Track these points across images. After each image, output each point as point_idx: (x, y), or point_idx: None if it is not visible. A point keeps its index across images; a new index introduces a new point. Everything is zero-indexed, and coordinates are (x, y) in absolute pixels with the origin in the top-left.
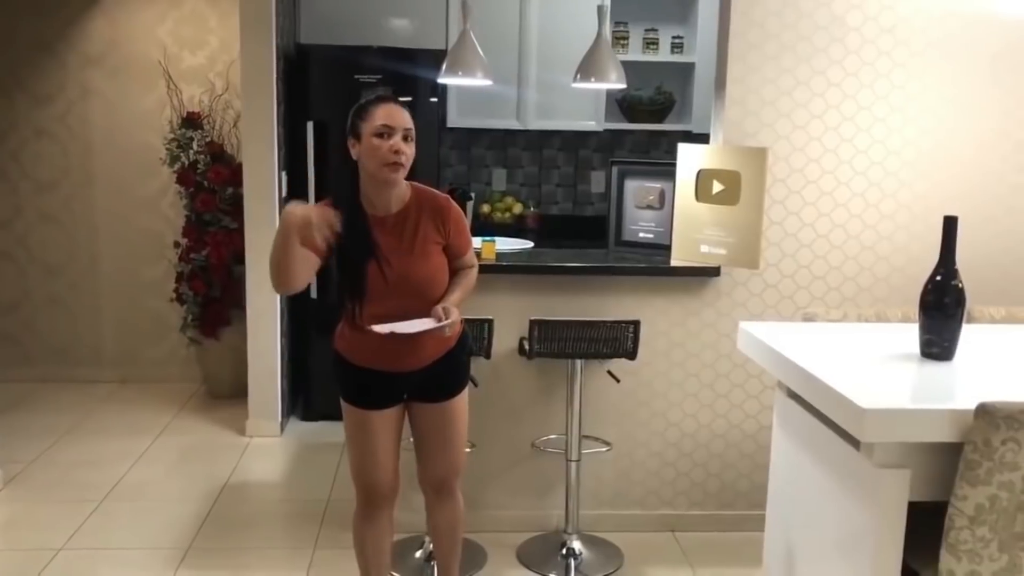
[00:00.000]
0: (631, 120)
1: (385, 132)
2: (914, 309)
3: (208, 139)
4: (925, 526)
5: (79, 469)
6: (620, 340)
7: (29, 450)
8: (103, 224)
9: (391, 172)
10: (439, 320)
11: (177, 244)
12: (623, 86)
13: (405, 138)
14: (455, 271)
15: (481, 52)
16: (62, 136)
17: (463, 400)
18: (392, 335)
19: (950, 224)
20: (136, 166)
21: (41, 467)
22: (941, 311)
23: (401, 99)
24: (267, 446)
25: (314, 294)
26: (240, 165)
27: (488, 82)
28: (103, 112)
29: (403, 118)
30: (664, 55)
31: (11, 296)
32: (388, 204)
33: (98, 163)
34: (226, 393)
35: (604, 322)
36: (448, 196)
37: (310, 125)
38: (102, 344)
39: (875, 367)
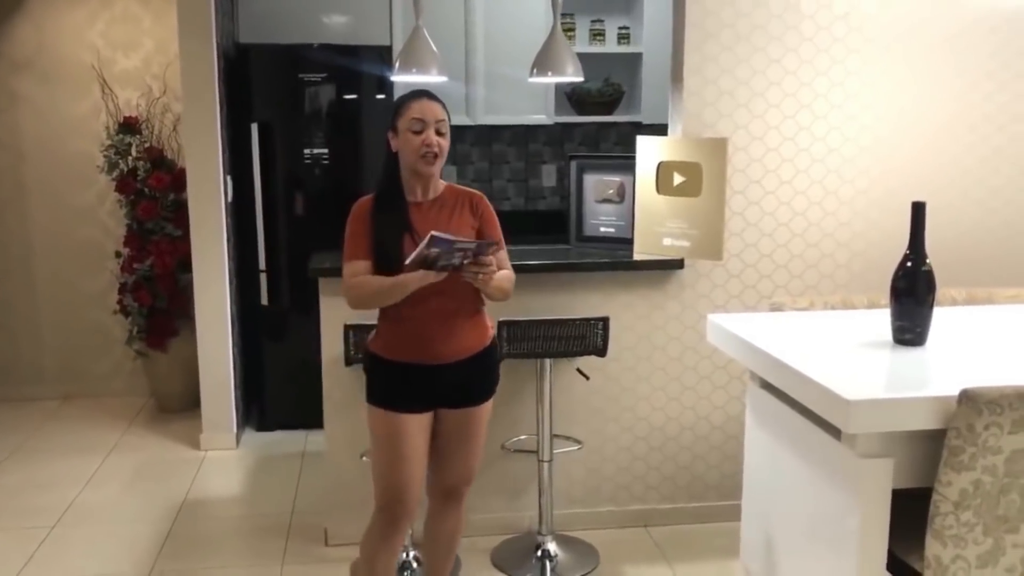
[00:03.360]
0: (580, 113)
1: (419, 126)
2: (879, 295)
3: (147, 144)
4: (909, 513)
5: (26, 493)
6: (590, 337)
7: None
8: (38, 236)
9: (426, 164)
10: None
11: (119, 254)
12: (580, 79)
13: (438, 131)
14: None
15: (434, 47)
16: None
17: (490, 405)
18: (432, 238)
19: (918, 210)
20: (71, 175)
21: None
22: (913, 297)
23: (346, 97)
24: (224, 459)
25: (265, 300)
26: (182, 170)
27: (443, 79)
28: (33, 119)
29: (435, 111)
30: (611, 46)
31: None
32: (426, 191)
33: (30, 172)
34: (177, 406)
35: (574, 320)
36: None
37: (254, 127)
38: (43, 360)
39: (850, 356)
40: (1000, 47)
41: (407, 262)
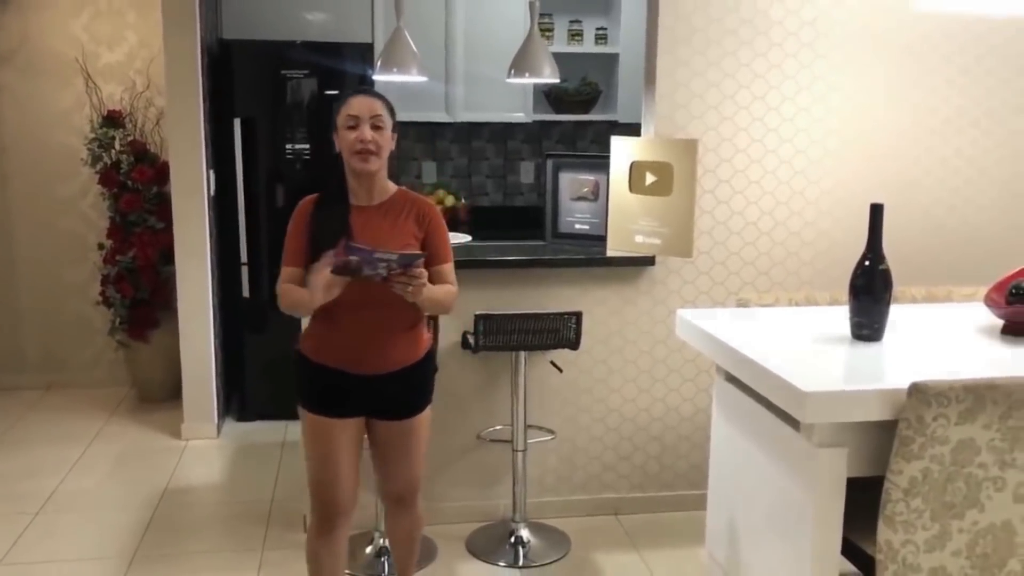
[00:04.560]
0: (558, 111)
1: (353, 122)
2: (841, 292)
3: (131, 138)
4: (863, 501)
5: (10, 480)
6: (563, 331)
7: None
8: (20, 227)
9: (361, 161)
10: (408, 277)
11: (101, 246)
12: (557, 80)
13: (375, 126)
14: (433, 282)
15: (415, 48)
16: None
17: (426, 417)
18: (347, 246)
19: (876, 211)
20: (54, 167)
21: None
22: (870, 295)
23: (328, 93)
24: (205, 448)
25: (246, 292)
26: (165, 164)
27: (423, 78)
28: (16, 111)
29: (371, 106)
30: (588, 46)
31: None
32: (370, 194)
33: (12, 164)
34: (158, 396)
35: (548, 314)
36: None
37: (237, 122)
38: (25, 350)
39: (810, 350)
40: (957, 52)
41: (331, 270)
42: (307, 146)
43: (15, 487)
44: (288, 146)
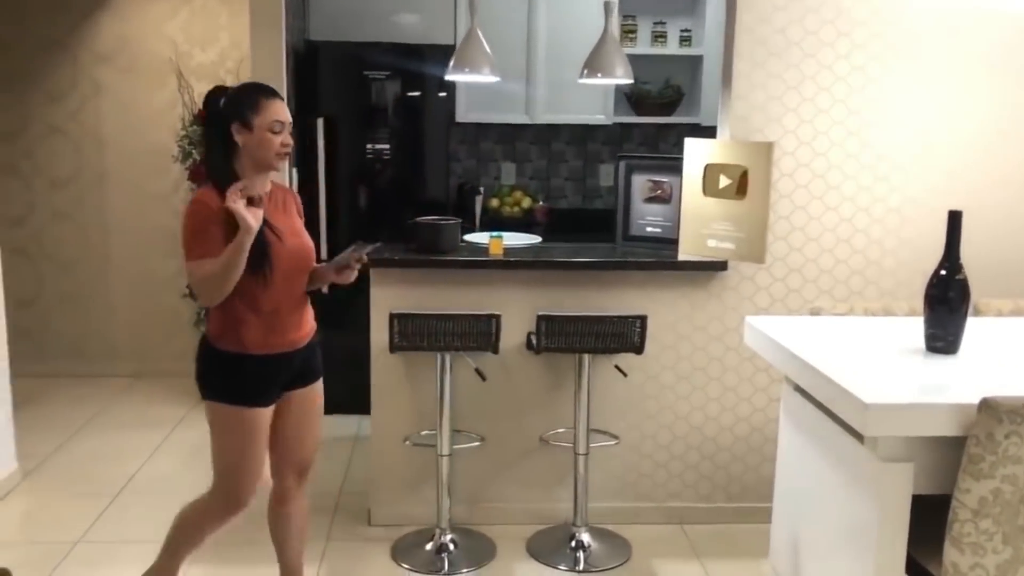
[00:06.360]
0: (639, 113)
1: (279, 128)
2: (921, 303)
3: None
4: (929, 519)
5: (95, 463)
6: (627, 335)
7: (46, 444)
8: (115, 221)
9: (280, 161)
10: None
11: None
12: (630, 81)
13: (289, 132)
14: None
15: (488, 48)
16: (74, 133)
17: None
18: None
19: (954, 218)
20: (148, 163)
21: (58, 461)
22: (945, 305)
23: (409, 94)
24: None
25: (324, 289)
26: None
27: (495, 78)
28: (115, 109)
29: (288, 114)
30: (673, 48)
31: (26, 292)
32: (264, 186)
33: (110, 160)
34: None
35: (611, 317)
36: None
37: (320, 121)
38: (116, 339)
39: (880, 361)
40: None
41: (363, 255)
42: (387, 146)
43: (99, 469)
44: (369, 145)
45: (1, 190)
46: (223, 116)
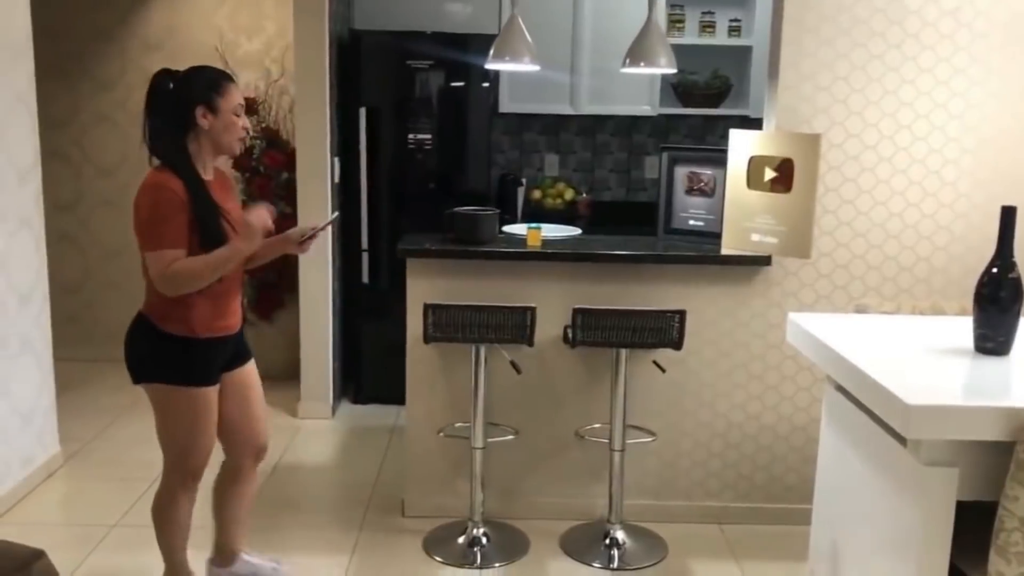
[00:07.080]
0: (686, 105)
1: (240, 111)
2: (972, 301)
3: (264, 124)
4: (974, 526)
5: (135, 448)
6: (665, 330)
7: (88, 428)
8: None
9: (241, 145)
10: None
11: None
12: (673, 71)
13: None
14: None
15: (529, 37)
16: (122, 122)
17: None
18: (314, 229)
19: (1007, 214)
20: None
21: (99, 445)
22: (996, 305)
23: (452, 84)
24: (318, 428)
25: (366, 279)
26: (295, 150)
27: (535, 67)
28: None
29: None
30: (721, 38)
31: (73, 277)
32: (210, 170)
33: None
34: (278, 375)
35: (649, 311)
36: None
37: (363, 111)
38: None
39: (926, 361)
40: None
41: (308, 235)
42: (429, 136)
43: (139, 454)
44: (411, 135)
45: (50, 177)
46: (184, 99)
